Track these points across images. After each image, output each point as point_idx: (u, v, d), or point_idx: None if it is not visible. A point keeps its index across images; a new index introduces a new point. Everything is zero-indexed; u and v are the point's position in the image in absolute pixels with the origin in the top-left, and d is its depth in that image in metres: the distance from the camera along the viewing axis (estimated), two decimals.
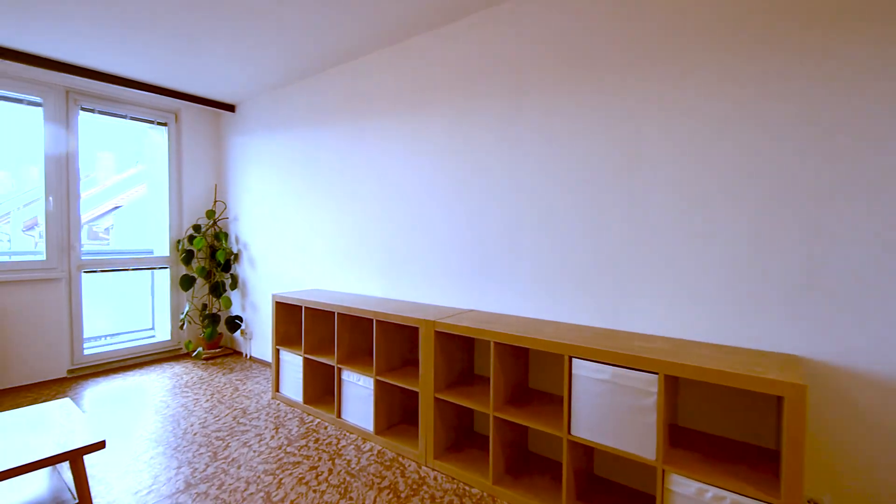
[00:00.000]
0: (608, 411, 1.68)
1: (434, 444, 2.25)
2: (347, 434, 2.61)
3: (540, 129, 2.25)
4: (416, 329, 2.74)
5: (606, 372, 1.68)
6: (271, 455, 2.34)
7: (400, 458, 2.34)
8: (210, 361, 4.00)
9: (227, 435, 2.57)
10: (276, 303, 3.12)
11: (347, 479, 2.13)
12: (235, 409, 2.93)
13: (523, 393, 2.22)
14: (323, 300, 2.81)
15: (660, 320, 1.92)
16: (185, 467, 2.21)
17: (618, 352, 1.65)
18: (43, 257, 3.41)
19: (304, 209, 3.57)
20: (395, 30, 2.69)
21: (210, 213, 4.19)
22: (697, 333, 1.84)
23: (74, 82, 3.47)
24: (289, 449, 2.42)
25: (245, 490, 2.03)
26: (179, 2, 2.38)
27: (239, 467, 2.22)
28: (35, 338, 3.34)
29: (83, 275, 3.62)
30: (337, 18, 2.55)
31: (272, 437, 2.56)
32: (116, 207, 7.73)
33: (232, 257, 4.28)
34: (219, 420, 2.76)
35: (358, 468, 2.23)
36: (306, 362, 2.93)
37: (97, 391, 3.23)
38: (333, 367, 2.68)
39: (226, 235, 4.31)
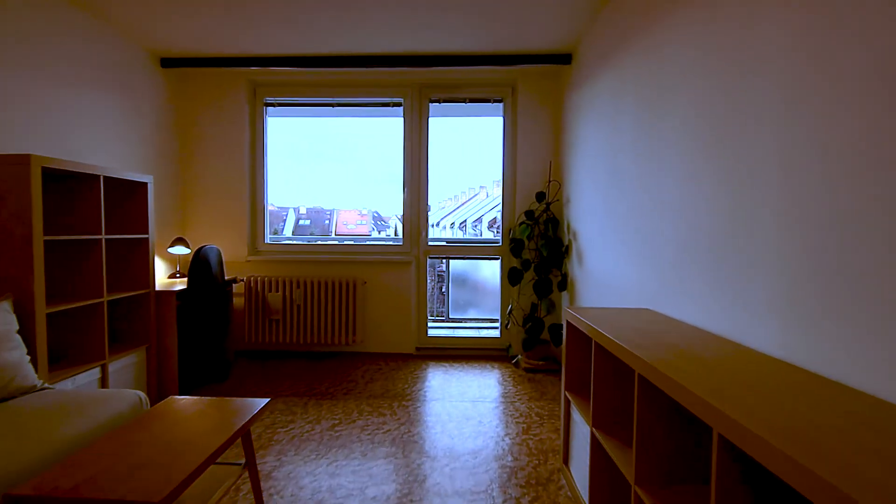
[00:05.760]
0: None
1: None
2: None
3: None
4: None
5: None
6: None
7: None
8: (527, 374, 3.30)
9: None
10: (568, 322, 1.95)
11: None
12: (505, 468, 2.01)
13: None
14: (627, 334, 1.41)
15: None
16: None
17: None
18: (400, 242, 3.77)
19: (640, 178, 2.16)
20: None
21: (540, 196, 3.47)
22: None
23: (428, 78, 3.61)
24: None
25: None
26: None
27: None
28: (391, 313, 3.73)
29: (429, 260, 3.79)
30: None
31: None
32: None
33: (563, 249, 3.41)
34: (474, 476, 1.94)
35: None
36: (594, 442, 1.60)
37: (426, 376, 3.19)
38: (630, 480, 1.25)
39: (556, 223, 3.48)
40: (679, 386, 1.00)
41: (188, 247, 3.33)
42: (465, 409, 2.64)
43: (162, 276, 3.41)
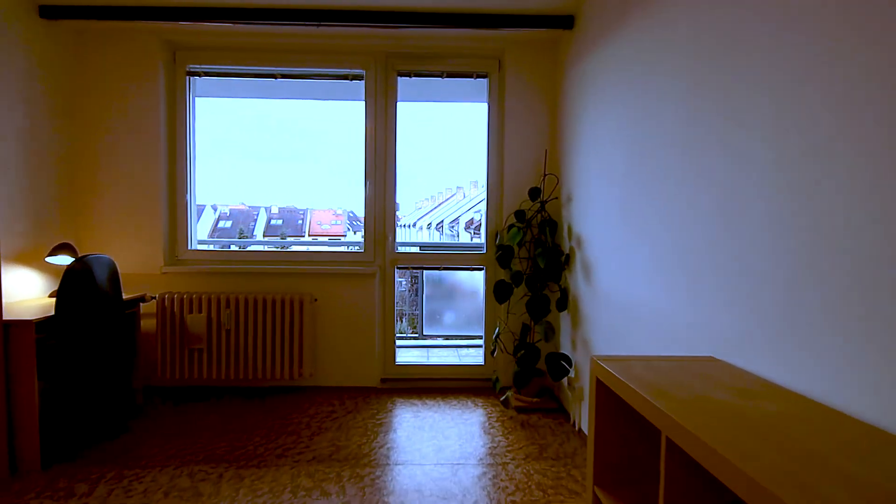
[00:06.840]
0: None
1: None
2: None
3: None
4: None
5: None
6: None
7: None
8: (520, 416, 2.64)
9: None
10: (598, 380, 1.28)
11: None
12: None
13: None
14: (737, 436, 0.74)
15: None
16: None
17: None
18: (362, 249, 3.05)
19: (682, 173, 1.52)
20: None
21: (534, 192, 2.82)
22: None
23: (395, 44, 2.90)
24: None
25: None
26: None
27: None
28: (350, 338, 3.00)
29: (397, 270, 3.09)
30: None
31: None
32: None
33: (563, 259, 2.77)
34: None
35: None
36: None
37: (392, 421, 2.48)
38: None
39: (554, 226, 2.83)
40: None
41: (76, 255, 2.51)
42: (441, 479, 1.95)
43: (40, 294, 2.59)
